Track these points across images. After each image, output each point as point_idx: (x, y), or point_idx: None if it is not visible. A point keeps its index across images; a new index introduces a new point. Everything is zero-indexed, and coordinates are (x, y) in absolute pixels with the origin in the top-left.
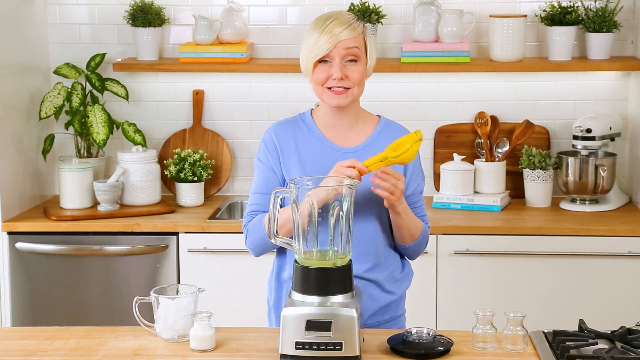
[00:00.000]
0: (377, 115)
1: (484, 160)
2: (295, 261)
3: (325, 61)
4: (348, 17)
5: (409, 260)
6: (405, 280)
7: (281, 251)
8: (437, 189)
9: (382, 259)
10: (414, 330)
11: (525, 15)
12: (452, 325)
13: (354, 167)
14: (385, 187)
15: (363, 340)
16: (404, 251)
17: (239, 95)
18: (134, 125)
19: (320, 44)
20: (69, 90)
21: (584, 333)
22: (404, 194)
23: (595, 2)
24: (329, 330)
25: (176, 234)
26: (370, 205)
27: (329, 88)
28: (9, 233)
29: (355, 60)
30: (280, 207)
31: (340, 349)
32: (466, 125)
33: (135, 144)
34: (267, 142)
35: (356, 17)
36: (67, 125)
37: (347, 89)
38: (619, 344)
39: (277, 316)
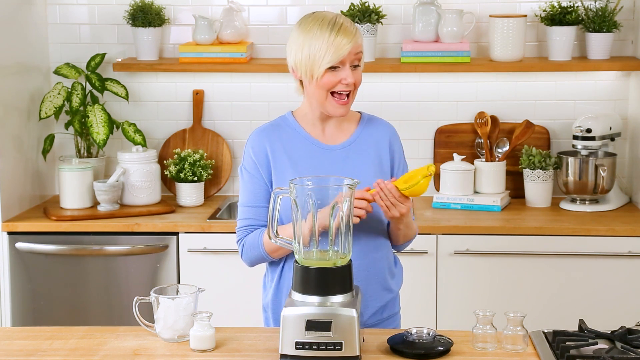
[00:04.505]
0: (359, 112)
1: (484, 160)
2: (295, 261)
3: (334, 67)
4: (350, 25)
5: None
6: (399, 275)
7: None
8: (437, 189)
9: (383, 252)
10: (414, 330)
11: (525, 15)
12: (452, 325)
13: (363, 199)
14: (385, 204)
15: (363, 340)
16: (393, 247)
17: (239, 95)
18: (134, 125)
19: (332, 52)
20: (69, 90)
21: (584, 333)
22: None
23: (595, 2)
24: (329, 330)
25: (176, 234)
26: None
27: (332, 94)
28: (9, 233)
29: (359, 65)
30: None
31: (340, 349)
32: (466, 125)
33: (135, 144)
34: (255, 149)
35: (352, 22)
36: (67, 125)
37: (348, 96)
38: (619, 344)
39: (274, 315)
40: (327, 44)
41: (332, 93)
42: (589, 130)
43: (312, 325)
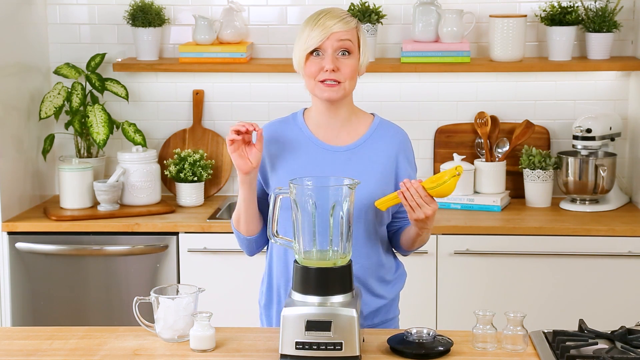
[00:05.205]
0: (372, 114)
1: (484, 160)
2: (295, 261)
3: (318, 54)
4: (341, 12)
5: (402, 260)
6: (398, 282)
7: (271, 252)
8: None
9: (373, 260)
10: (414, 330)
11: (525, 15)
12: (452, 325)
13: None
14: (410, 204)
15: (363, 340)
16: (401, 253)
17: (239, 95)
18: (134, 125)
19: (313, 36)
20: (69, 90)
21: (584, 333)
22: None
23: (595, 2)
24: (329, 330)
25: (176, 234)
26: (361, 208)
27: (321, 82)
28: (9, 233)
29: (348, 53)
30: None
31: (340, 349)
32: (466, 125)
33: (135, 144)
34: None
35: (349, 13)
36: (67, 125)
37: (339, 83)
38: (619, 344)
39: (265, 312)
40: (309, 30)
41: (322, 82)
42: (589, 130)
43: (312, 325)
